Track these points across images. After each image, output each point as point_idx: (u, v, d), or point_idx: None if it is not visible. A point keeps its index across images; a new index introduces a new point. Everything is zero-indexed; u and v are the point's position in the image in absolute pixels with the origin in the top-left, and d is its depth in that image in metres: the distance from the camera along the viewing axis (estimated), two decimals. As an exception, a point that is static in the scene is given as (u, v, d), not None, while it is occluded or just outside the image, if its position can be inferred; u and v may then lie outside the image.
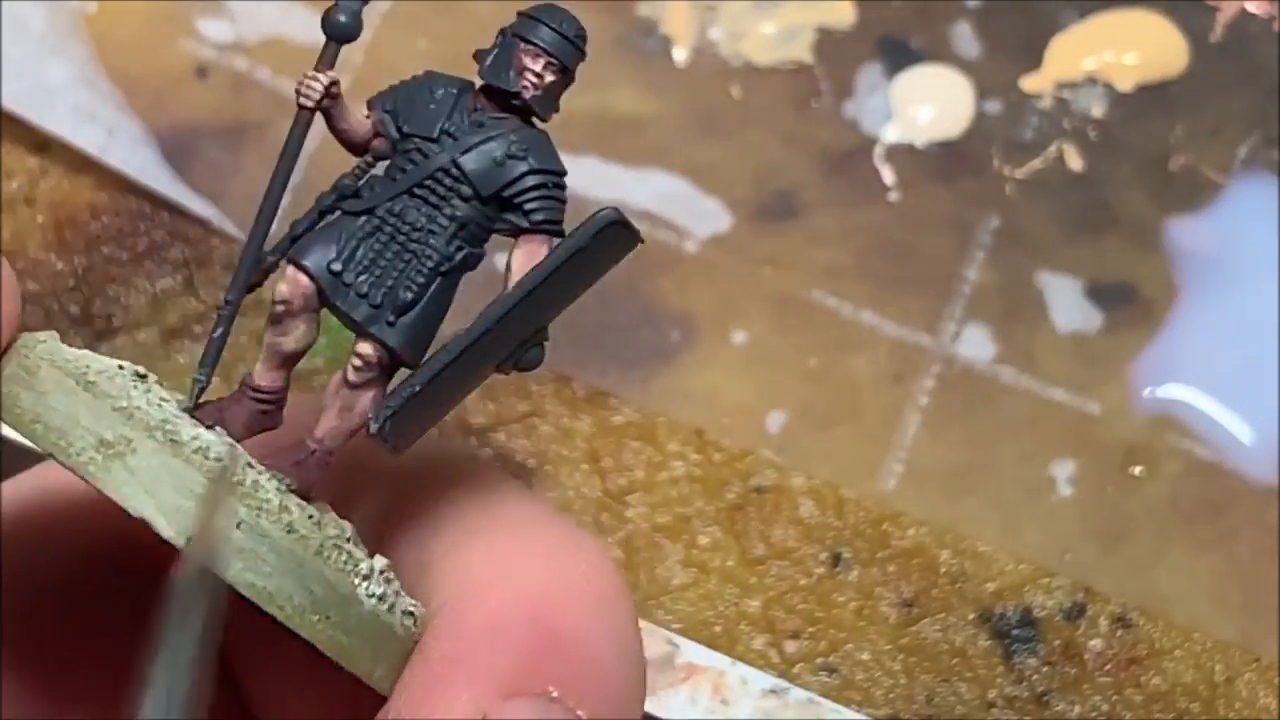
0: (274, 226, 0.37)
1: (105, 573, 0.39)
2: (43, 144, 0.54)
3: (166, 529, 0.33)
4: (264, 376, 0.36)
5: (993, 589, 0.51)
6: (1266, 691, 0.50)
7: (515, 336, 0.35)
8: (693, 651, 0.50)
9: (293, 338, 0.36)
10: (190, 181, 0.54)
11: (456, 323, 0.36)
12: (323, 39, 0.36)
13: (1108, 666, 0.51)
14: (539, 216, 0.36)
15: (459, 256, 0.36)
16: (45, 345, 0.35)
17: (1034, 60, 0.57)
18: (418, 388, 0.35)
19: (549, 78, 0.36)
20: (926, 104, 0.56)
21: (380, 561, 0.35)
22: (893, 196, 0.55)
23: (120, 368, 0.35)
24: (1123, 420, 0.53)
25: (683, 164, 0.55)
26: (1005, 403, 0.53)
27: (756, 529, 0.52)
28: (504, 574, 0.35)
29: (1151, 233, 0.55)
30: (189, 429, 0.34)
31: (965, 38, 0.57)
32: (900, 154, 0.56)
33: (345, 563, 0.34)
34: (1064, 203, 0.55)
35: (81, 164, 0.54)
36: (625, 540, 0.51)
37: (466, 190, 0.36)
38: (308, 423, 0.36)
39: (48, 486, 0.39)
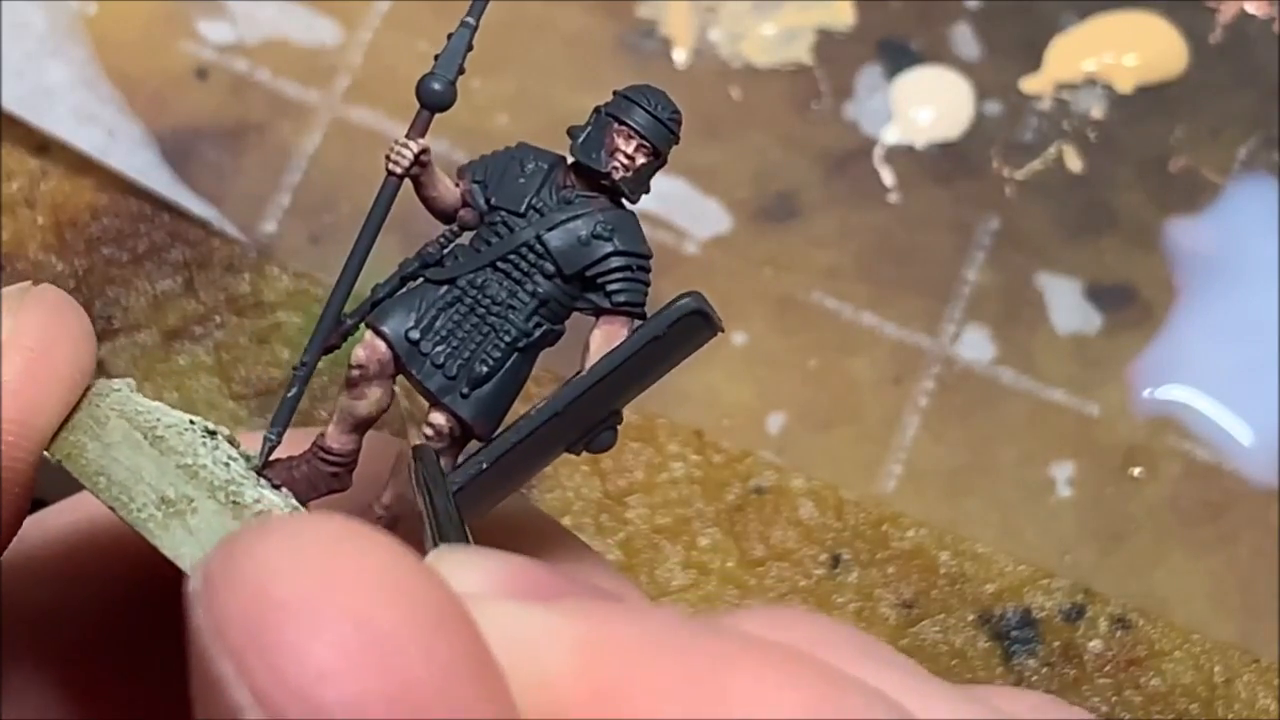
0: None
1: (144, 603, 0.39)
2: (43, 145, 0.54)
3: None
4: (335, 439, 0.36)
5: (992, 590, 0.51)
6: (1266, 692, 0.50)
7: (587, 418, 0.35)
8: (692, 652, 0.50)
9: (366, 402, 0.36)
10: (190, 183, 0.54)
11: (533, 394, 0.36)
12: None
13: (1107, 667, 0.51)
14: (621, 298, 0.35)
15: (537, 333, 0.35)
16: (118, 394, 0.35)
17: (1034, 62, 0.57)
18: (485, 465, 0.35)
19: (640, 160, 0.36)
20: (926, 105, 0.56)
21: None
22: (893, 198, 0.55)
23: (191, 423, 0.35)
24: (1122, 421, 0.53)
25: (683, 165, 0.55)
26: (1005, 404, 0.53)
27: (756, 530, 0.52)
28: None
29: (1151, 233, 0.55)
30: (252, 490, 0.34)
31: (965, 39, 0.57)
32: (900, 155, 0.56)
33: None
34: (1064, 204, 0.55)
35: (82, 165, 0.54)
36: (625, 542, 0.51)
37: (549, 267, 0.35)
38: (378, 486, 0.36)
39: (93, 514, 0.39)
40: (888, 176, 0.55)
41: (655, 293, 0.54)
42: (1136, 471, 0.53)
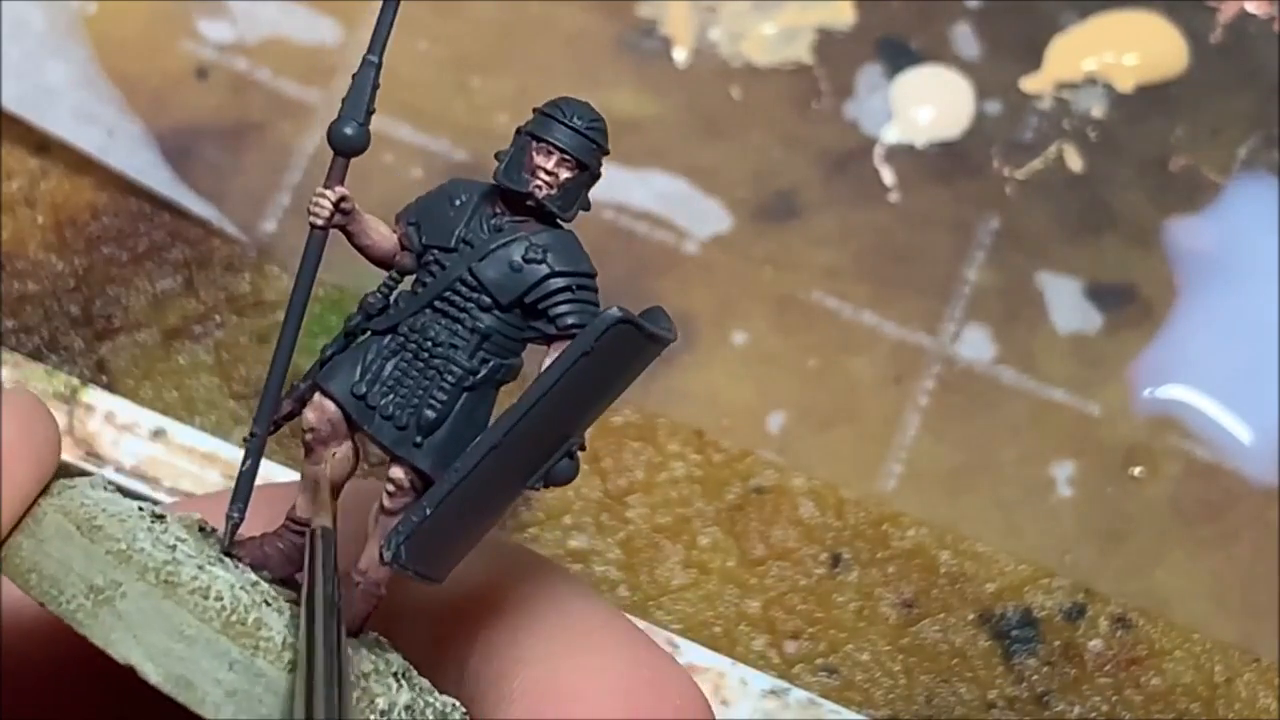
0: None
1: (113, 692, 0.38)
2: (43, 145, 0.54)
3: (154, 674, 0.31)
4: (305, 509, 0.35)
5: (993, 589, 0.51)
6: (1266, 692, 0.50)
7: (538, 449, 0.34)
8: (693, 652, 0.50)
9: (328, 465, 0.35)
10: (190, 182, 0.54)
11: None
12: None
13: (1107, 667, 0.51)
14: (567, 321, 0.34)
15: (484, 370, 0.34)
16: (70, 491, 0.34)
17: (1034, 61, 0.57)
18: (428, 511, 0.33)
19: (564, 175, 0.34)
20: (926, 104, 0.56)
21: (405, 696, 0.33)
22: (893, 197, 0.55)
23: (140, 509, 0.33)
24: (1123, 421, 0.53)
25: (683, 164, 0.55)
26: (1005, 403, 0.53)
27: (756, 530, 0.52)
28: (581, 713, 0.33)
29: (1151, 233, 0.55)
30: (193, 570, 0.32)
31: (965, 38, 0.57)
32: (900, 154, 0.56)
33: (358, 699, 0.32)
34: (1064, 203, 0.55)
35: (82, 165, 0.54)
36: (625, 541, 0.51)
37: (486, 300, 0.34)
38: (352, 553, 0.35)
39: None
40: (888, 176, 0.55)
41: (656, 293, 0.54)
42: (1137, 471, 0.53)
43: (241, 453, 0.35)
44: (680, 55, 0.57)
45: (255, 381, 0.52)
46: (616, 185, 0.55)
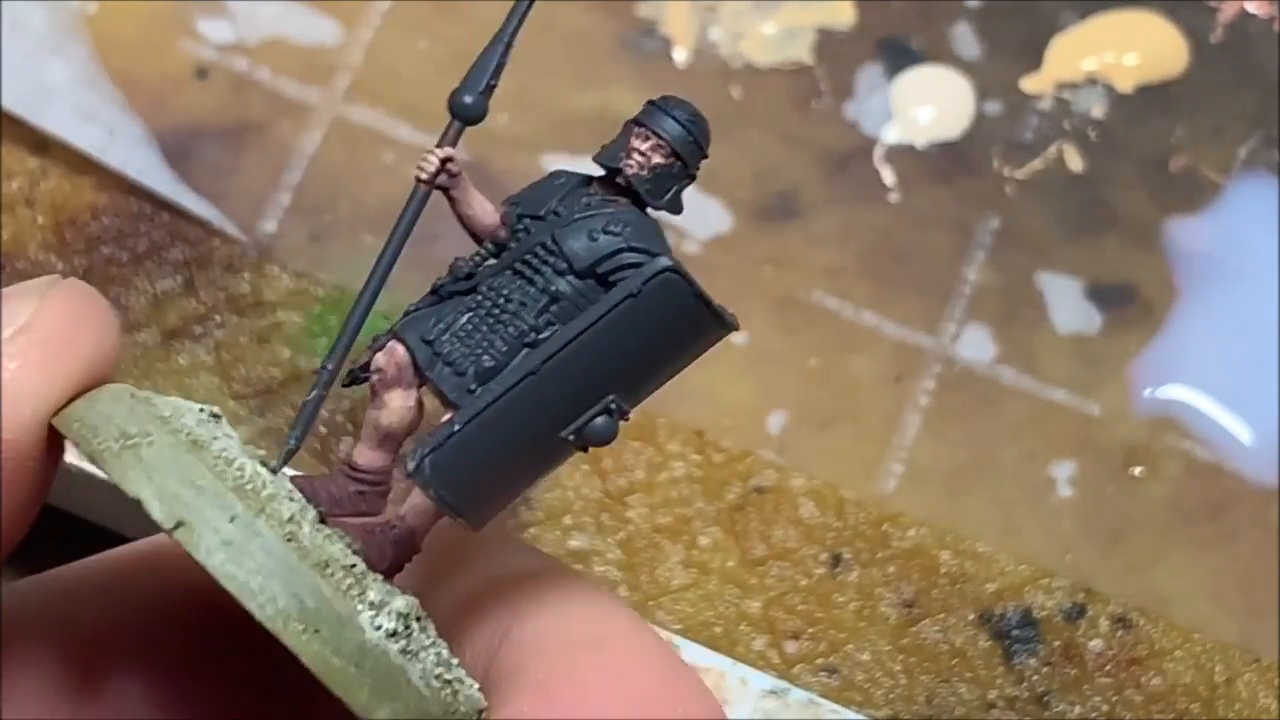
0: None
1: (205, 638, 0.38)
2: (43, 145, 0.54)
3: (157, 511, 0.32)
4: (362, 454, 0.35)
5: (993, 589, 0.51)
6: (1266, 692, 0.50)
7: (577, 395, 0.34)
8: (693, 652, 0.50)
9: (389, 411, 0.35)
10: (190, 182, 0.54)
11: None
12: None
13: (1108, 667, 0.51)
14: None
15: (547, 331, 0.35)
16: (143, 390, 0.35)
17: (1034, 61, 0.57)
18: (457, 427, 0.33)
19: (655, 159, 0.35)
20: (927, 105, 0.56)
21: (400, 603, 0.33)
22: (893, 197, 0.55)
23: (200, 409, 0.35)
24: (1123, 421, 0.53)
25: (683, 164, 0.55)
26: (1005, 403, 0.53)
27: (756, 530, 0.52)
28: (594, 701, 0.33)
29: (1151, 233, 0.55)
30: (224, 444, 0.33)
31: (965, 38, 0.57)
32: (900, 154, 0.56)
33: (351, 587, 0.33)
34: (1064, 203, 0.55)
35: (82, 165, 0.54)
36: (626, 541, 0.51)
37: (562, 264, 0.35)
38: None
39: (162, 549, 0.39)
40: (888, 176, 0.55)
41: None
42: (1137, 471, 0.53)
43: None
44: (680, 55, 0.57)
45: (255, 381, 0.52)
46: (616, 185, 0.55)
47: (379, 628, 0.33)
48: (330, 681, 0.32)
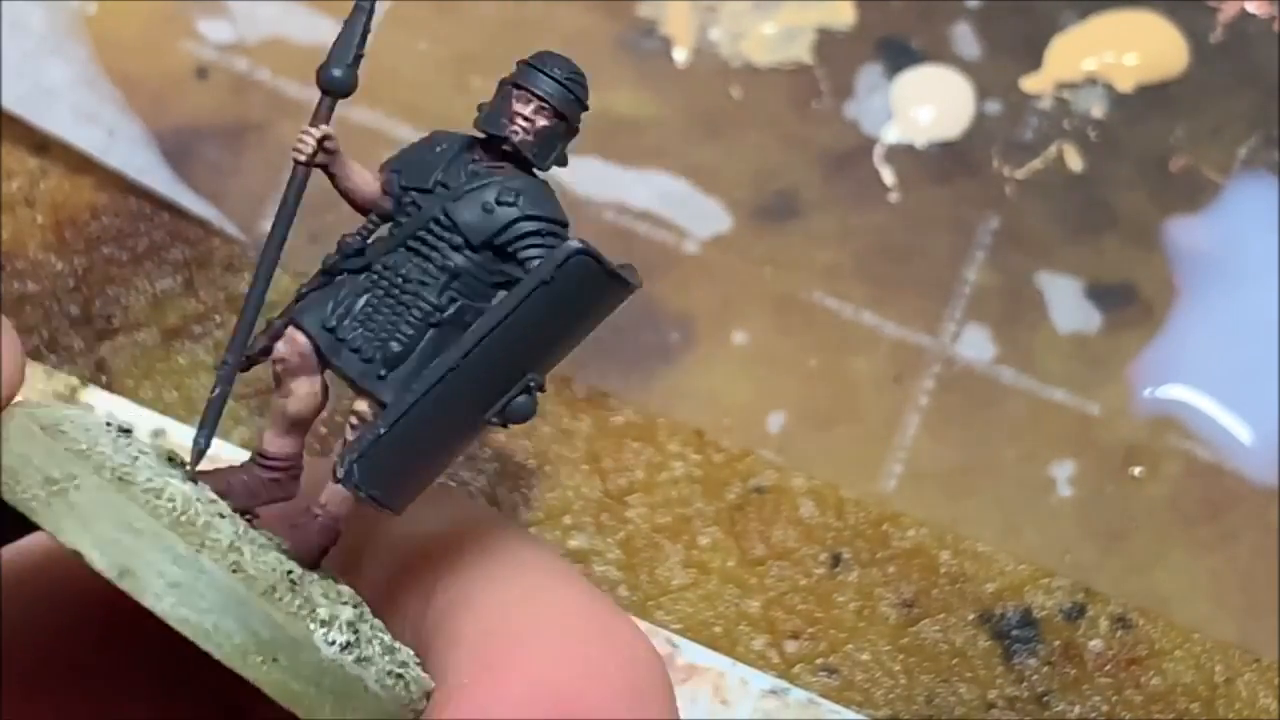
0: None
1: (107, 636, 0.38)
2: (43, 144, 0.54)
3: (99, 562, 0.32)
4: (271, 442, 0.35)
5: (993, 589, 0.51)
6: (1266, 692, 0.50)
7: (496, 380, 0.34)
8: (693, 652, 0.50)
9: (295, 399, 0.35)
10: (190, 182, 0.54)
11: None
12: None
13: (1108, 667, 0.51)
14: (535, 264, 0.35)
15: (451, 309, 0.35)
16: (41, 409, 0.34)
17: (1034, 61, 0.57)
18: (382, 430, 0.34)
19: (540, 122, 0.35)
20: (926, 104, 0.56)
21: (348, 611, 0.34)
22: (893, 197, 0.55)
23: (108, 424, 0.34)
24: (1123, 420, 0.53)
25: (683, 164, 0.55)
26: (1005, 403, 0.53)
27: (756, 529, 0.52)
28: (532, 659, 0.33)
29: (1151, 233, 0.55)
30: (148, 474, 0.33)
31: (965, 38, 0.57)
32: (900, 154, 0.56)
33: (300, 607, 0.33)
34: (1064, 203, 0.55)
35: (82, 165, 0.54)
36: (625, 541, 0.51)
37: (457, 239, 0.35)
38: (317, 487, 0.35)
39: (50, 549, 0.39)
40: (888, 175, 0.55)
41: (657, 293, 0.54)
42: (1137, 471, 0.53)
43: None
44: (680, 55, 0.57)
45: (255, 381, 0.52)
46: (616, 185, 0.55)
47: (333, 643, 0.33)
48: (294, 706, 0.32)
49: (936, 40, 0.57)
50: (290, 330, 0.35)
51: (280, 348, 0.35)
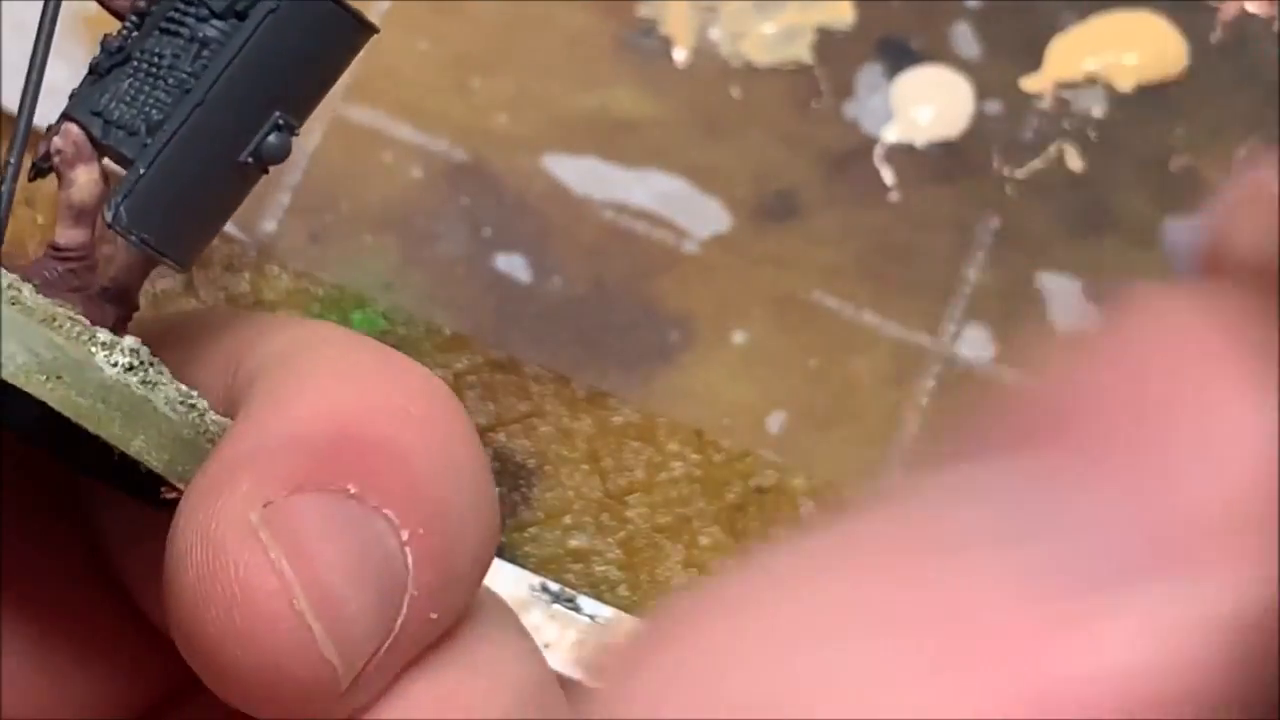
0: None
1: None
2: (43, 144, 0.54)
3: None
4: (62, 235, 0.37)
5: (993, 589, 0.51)
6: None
7: (245, 117, 0.36)
8: (693, 652, 0.50)
9: (77, 188, 0.37)
10: (190, 182, 0.54)
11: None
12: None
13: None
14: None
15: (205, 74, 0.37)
16: None
17: (1034, 61, 0.57)
18: (142, 170, 0.35)
19: None
20: (926, 104, 0.56)
21: (130, 340, 0.35)
22: (893, 197, 0.55)
23: None
24: (1123, 420, 0.53)
25: (683, 164, 0.55)
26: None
27: (757, 529, 0.52)
28: (316, 388, 0.35)
29: (1151, 233, 0.55)
30: None
31: (965, 38, 0.57)
32: (900, 154, 0.56)
33: (81, 333, 0.35)
34: (1064, 203, 0.55)
35: (81, 164, 0.54)
36: (625, 541, 0.51)
37: (203, 11, 0.36)
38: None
39: None
40: (888, 175, 0.55)
41: (656, 293, 0.54)
42: (1137, 471, 0.53)
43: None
44: (680, 55, 0.57)
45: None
46: (616, 185, 0.55)
47: (115, 364, 0.35)
48: (83, 420, 0.34)
49: (936, 40, 0.57)
50: (64, 125, 0.37)
51: (55, 141, 0.37)
